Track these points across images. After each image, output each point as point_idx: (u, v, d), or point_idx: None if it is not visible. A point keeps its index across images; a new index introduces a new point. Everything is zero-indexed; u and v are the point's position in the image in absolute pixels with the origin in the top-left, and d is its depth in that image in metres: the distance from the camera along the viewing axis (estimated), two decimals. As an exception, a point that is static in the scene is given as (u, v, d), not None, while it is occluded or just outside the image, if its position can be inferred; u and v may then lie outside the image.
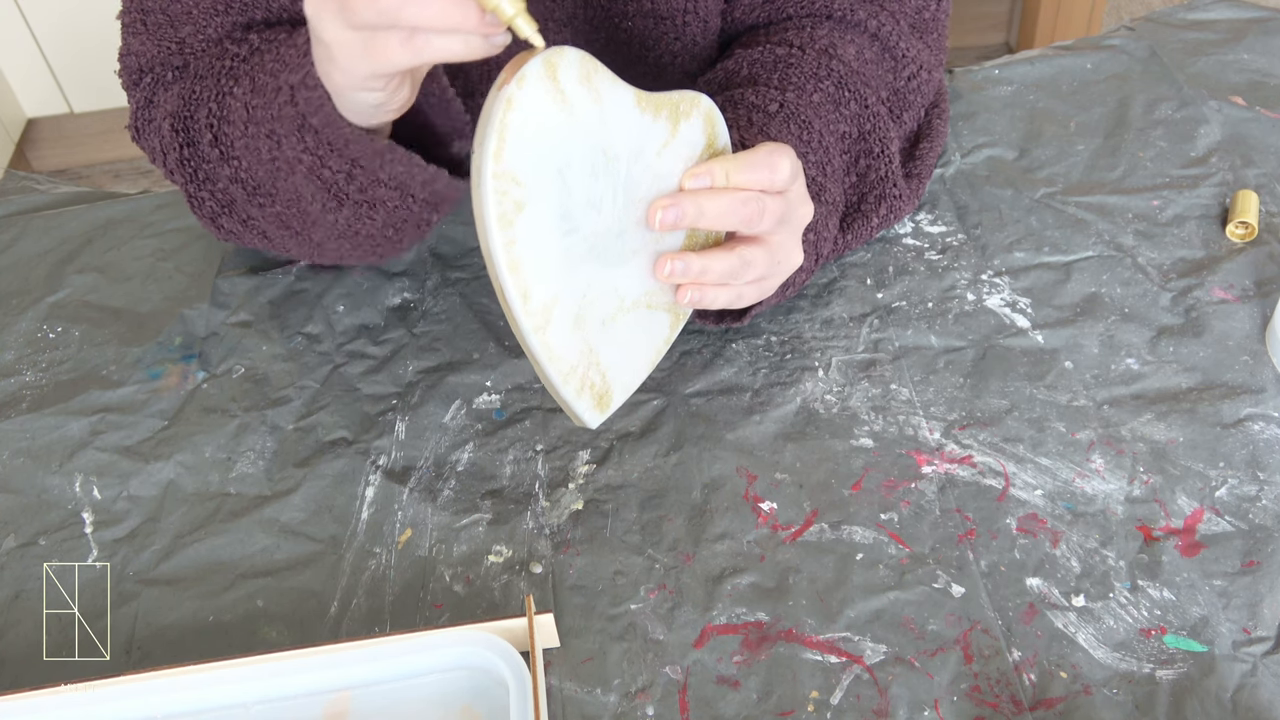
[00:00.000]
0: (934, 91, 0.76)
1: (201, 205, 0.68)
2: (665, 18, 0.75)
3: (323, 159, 0.59)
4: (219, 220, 0.69)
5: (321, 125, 0.57)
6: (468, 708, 0.52)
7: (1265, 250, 0.71)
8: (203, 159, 0.66)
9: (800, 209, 0.60)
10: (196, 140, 0.66)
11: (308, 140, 0.58)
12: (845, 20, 0.73)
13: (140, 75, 0.70)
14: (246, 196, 0.65)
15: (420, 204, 0.62)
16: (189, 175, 0.67)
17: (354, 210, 0.62)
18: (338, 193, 0.60)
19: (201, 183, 0.67)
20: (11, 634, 0.58)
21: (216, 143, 0.64)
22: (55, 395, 0.70)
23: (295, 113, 0.58)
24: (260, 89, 0.61)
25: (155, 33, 0.68)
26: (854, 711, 0.51)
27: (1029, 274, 0.71)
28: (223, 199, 0.67)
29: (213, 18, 0.67)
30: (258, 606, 0.58)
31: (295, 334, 0.72)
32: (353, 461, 0.64)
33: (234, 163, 0.64)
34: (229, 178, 0.65)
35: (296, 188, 0.62)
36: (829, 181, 0.68)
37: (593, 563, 0.58)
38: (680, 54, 0.77)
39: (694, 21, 0.76)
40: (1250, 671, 0.51)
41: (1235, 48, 0.87)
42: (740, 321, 0.66)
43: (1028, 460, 0.60)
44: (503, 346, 0.70)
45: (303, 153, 0.59)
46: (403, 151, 0.59)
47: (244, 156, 0.63)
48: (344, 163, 0.59)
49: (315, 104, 0.56)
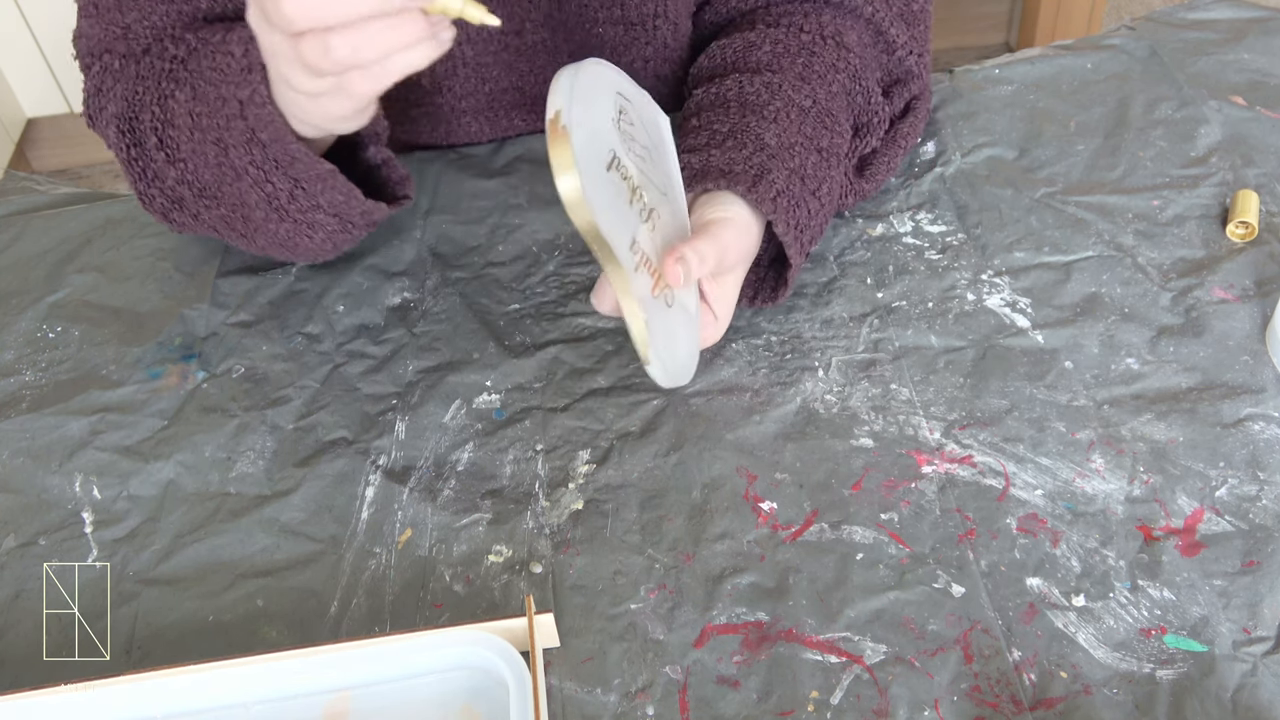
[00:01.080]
0: (924, 74, 0.77)
1: (152, 201, 0.70)
2: (636, 24, 0.76)
3: (268, 173, 0.61)
4: (170, 215, 0.70)
5: (269, 140, 0.60)
6: (468, 708, 0.52)
7: (1265, 250, 0.71)
8: (150, 159, 0.67)
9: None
10: (143, 142, 0.67)
11: (255, 153, 0.61)
12: (843, 6, 0.74)
13: (91, 59, 0.71)
14: (194, 196, 0.67)
15: (357, 228, 0.67)
16: (138, 174, 0.68)
17: (294, 226, 0.65)
18: (279, 208, 0.63)
19: (150, 181, 0.68)
20: (11, 634, 0.58)
21: (162, 145, 0.65)
22: (55, 395, 0.70)
23: (245, 126, 0.60)
24: (202, 97, 0.62)
25: (104, 16, 0.69)
26: (854, 711, 0.51)
27: (1029, 274, 0.71)
28: (172, 196, 0.68)
29: (157, 4, 0.68)
30: (258, 606, 0.58)
31: (295, 334, 0.72)
32: (353, 461, 0.64)
33: (180, 165, 0.65)
34: (175, 179, 0.66)
35: (242, 194, 0.63)
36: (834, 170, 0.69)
37: (593, 563, 0.58)
38: (652, 58, 0.78)
39: (664, 25, 0.77)
40: (1250, 671, 0.51)
41: (1235, 47, 0.87)
42: (774, 301, 0.68)
43: (1028, 460, 0.60)
44: (502, 346, 0.70)
45: (249, 164, 0.61)
46: (343, 180, 0.63)
47: (190, 159, 0.64)
48: (288, 181, 0.62)
49: (265, 120, 0.58)
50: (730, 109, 0.69)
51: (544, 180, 0.81)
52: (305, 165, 0.60)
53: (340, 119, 0.56)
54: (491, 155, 0.84)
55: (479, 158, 0.84)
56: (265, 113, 0.58)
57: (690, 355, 0.64)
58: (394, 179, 0.69)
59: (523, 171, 0.82)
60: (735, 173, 0.64)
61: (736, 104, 0.69)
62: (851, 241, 0.74)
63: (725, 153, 0.66)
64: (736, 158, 0.65)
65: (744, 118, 0.68)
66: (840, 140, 0.70)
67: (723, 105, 0.69)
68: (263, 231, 0.66)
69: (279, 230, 0.65)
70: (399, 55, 0.50)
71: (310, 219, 0.64)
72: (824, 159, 0.68)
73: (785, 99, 0.69)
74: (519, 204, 0.80)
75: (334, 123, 0.57)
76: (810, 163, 0.67)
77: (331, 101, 0.54)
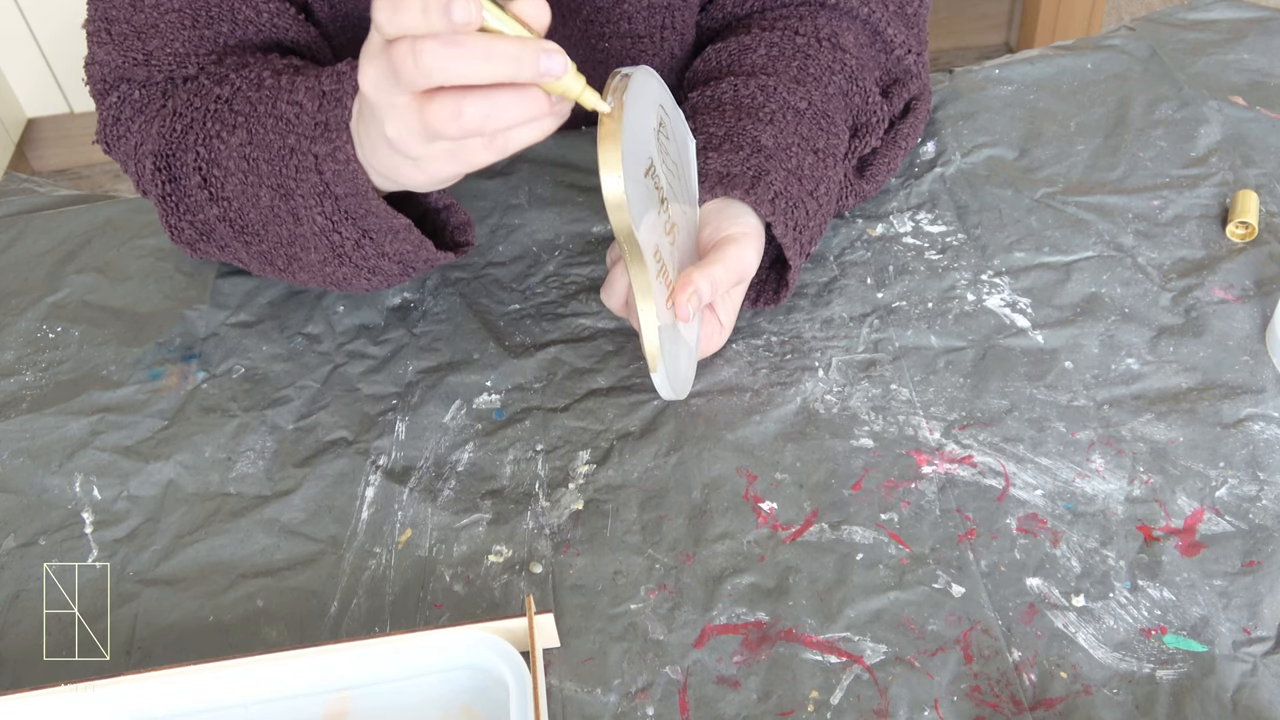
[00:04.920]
0: (922, 73, 0.77)
1: (180, 233, 0.69)
2: (643, 36, 0.76)
3: (336, 224, 0.60)
4: (196, 245, 0.70)
5: (344, 195, 0.58)
6: (468, 708, 0.52)
7: (1265, 250, 0.71)
8: (186, 195, 0.66)
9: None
10: (181, 179, 0.65)
11: (326, 206, 0.59)
12: (839, 8, 0.74)
13: (107, 87, 0.70)
14: (233, 234, 0.66)
15: (418, 272, 0.66)
16: (170, 209, 0.67)
17: (353, 270, 0.64)
18: (342, 254, 0.62)
19: (182, 215, 0.67)
20: (11, 634, 0.58)
21: (206, 185, 0.64)
22: (55, 395, 0.70)
23: (319, 180, 0.58)
24: (262, 144, 0.60)
25: (121, 43, 0.68)
26: (854, 711, 0.51)
27: (1029, 274, 0.71)
28: (202, 229, 0.68)
29: (179, 31, 0.67)
30: (258, 606, 0.58)
31: (295, 334, 0.72)
32: (353, 461, 0.64)
33: (224, 204, 0.64)
34: (216, 216, 0.65)
35: (296, 236, 0.62)
36: (831, 171, 0.69)
37: (593, 563, 0.58)
38: (658, 70, 0.78)
39: (672, 37, 0.77)
40: (1250, 671, 0.51)
41: (1235, 48, 0.87)
42: (775, 301, 0.68)
43: (1028, 460, 0.60)
44: (502, 346, 0.70)
45: (318, 214, 0.60)
46: (416, 234, 0.61)
47: (236, 199, 0.63)
48: (356, 231, 0.60)
49: (345, 177, 0.57)
50: (726, 112, 0.69)
51: (544, 181, 0.81)
52: (381, 219, 0.59)
53: (444, 183, 0.56)
54: (491, 155, 0.84)
55: (479, 158, 0.84)
56: (348, 170, 0.56)
57: (690, 368, 0.65)
58: (454, 223, 0.66)
59: (523, 172, 0.82)
60: (733, 175, 0.64)
61: (732, 107, 0.69)
62: (851, 241, 0.74)
63: (722, 155, 0.66)
64: (734, 160, 0.65)
65: (740, 120, 0.68)
66: (837, 141, 0.70)
67: (718, 108, 0.69)
68: (311, 270, 0.65)
69: (336, 273, 0.64)
70: (519, 129, 0.50)
71: (371, 265, 0.63)
72: (820, 160, 0.68)
73: (781, 101, 0.69)
74: (519, 204, 0.80)
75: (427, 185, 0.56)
76: (807, 164, 0.67)
77: (437, 166, 0.53)
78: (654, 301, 0.56)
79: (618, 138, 0.51)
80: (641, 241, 0.55)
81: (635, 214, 0.54)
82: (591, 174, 0.81)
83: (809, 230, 0.66)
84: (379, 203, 0.58)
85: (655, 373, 0.59)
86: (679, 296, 0.58)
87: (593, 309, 0.71)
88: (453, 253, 0.64)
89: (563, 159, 0.83)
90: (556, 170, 0.82)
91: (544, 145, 0.83)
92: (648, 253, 0.56)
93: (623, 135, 0.51)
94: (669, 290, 0.59)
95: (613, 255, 0.67)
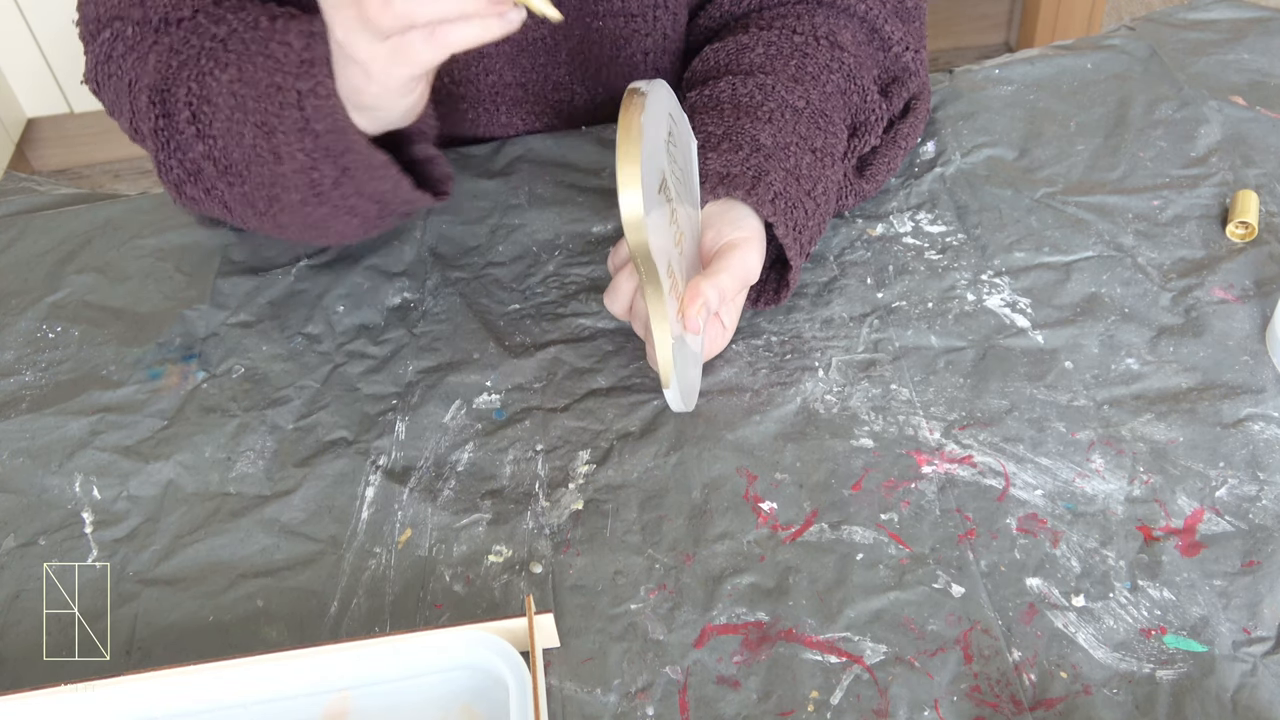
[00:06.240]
0: (921, 70, 0.77)
1: (169, 171, 0.69)
2: (636, 15, 0.76)
3: (316, 160, 0.61)
4: (183, 187, 0.70)
5: (325, 131, 0.59)
6: (467, 708, 0.52)
7: (1265, 250, 0.71)
8: (177, 131, 0.67)
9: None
10: (173, 114, 0.66)
11: (306, 143, 0.60)
12: (836, 6, 0.74)
13: (100, 25, 0.71)
14: (217, 173, 0.66)
15: (395, 216, 0.67)
16: (161, 144, 0.68)
17: (330, 211, 0.64)
18: (320, 193, 0.63)
19: (172, 152, 0.68)
20: (11, 634, 0.58)
21: (194, 120, 0.65)
22: (55, 395, 0.70)
23: (300, 116, 0.60)
24: (250, 81, 0.62)
25: None
26: (854, 711, 0.51)
27: (1029, 274, 0.71)
28: (190, 169, 0.68)
29: None
30: (258, 606, 0.58)
31: (295, 334, 0.72)
32: (353, 461, 0.64)
33: (209, 141, 0.65)
34: (202, 154, 0.66)
35: (276, 176, 0.63)
36: (829, 170, 0.69)
37: (593, 563, 0.58)
38: (652, 50, 0.79)
39: (664, 16, 0.77)
40: (1250, 671, 0.51)
41: (1235, 48, 0.87)
42: (776, 301, 0.69)
43: (1028, 460, 0.60)
44: (502, 346, 0.70)
45: (297, 151, 0.61)
46: (394, 170, 0.62)
47: (221, 137, 0.64)
48: (335, 169, 0.61)
49: (324, 112, 0.59)
50: (724, 111, 0.69)
51: (544, 181, 0.81)
52: (360, 155, 0.60)
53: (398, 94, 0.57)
54: (491, 155, 0.84)
55: (479, 158, 0.84)
56: (327, 105, 0.58)
57: (696, 377, 0.65)
58: (436, 176, 0.68)
59: (523, 172, 0.82)
60: (733, 175, 0.64)
61: (730, 106, 0.69)
62: (851, 241, 0.74)
63: (722, 155, 0.66)
64: (733, 160, 0.65)
65: (738, 119, 0.68)
66: (835, 141, 0.70)
67: (716, 108, 0.69)
68: (291, 212, 0.66)
69: (314, 214, 0.65)
70: (460, 25, 0.52)
71: (349, 204, 0.64)
72: (819, 159, 0.68)
73: (779, 100, 0.69)
74: (519, 204, 0.80)
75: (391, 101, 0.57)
76: (805, 163, 0.67)
77: (383, 69, 0.54)
78: (668, 318, 0.56)
79: (637, 160, 0.52)
80: (656, 260, 0.55)
81: (653, 231, 0.54)
82: (591, 174, 0.81)
83: (808, 230, 0.67)
84: (358, 138, 0.60)
85: (668, 389, 0.58)
86: (689, 309, 0.59)
87: (593, 309, 0.71)
88: (430, 195, 0.66)
89: (563, 159, 0.83)
90: (556, 170, 0.82)
91: (544, 145, 0.84)
92: (661, 270, 0.56)
93: (643, 152, 0.52)
94: (678, 302, 0.59)
95: (614, 258, 0.67)
